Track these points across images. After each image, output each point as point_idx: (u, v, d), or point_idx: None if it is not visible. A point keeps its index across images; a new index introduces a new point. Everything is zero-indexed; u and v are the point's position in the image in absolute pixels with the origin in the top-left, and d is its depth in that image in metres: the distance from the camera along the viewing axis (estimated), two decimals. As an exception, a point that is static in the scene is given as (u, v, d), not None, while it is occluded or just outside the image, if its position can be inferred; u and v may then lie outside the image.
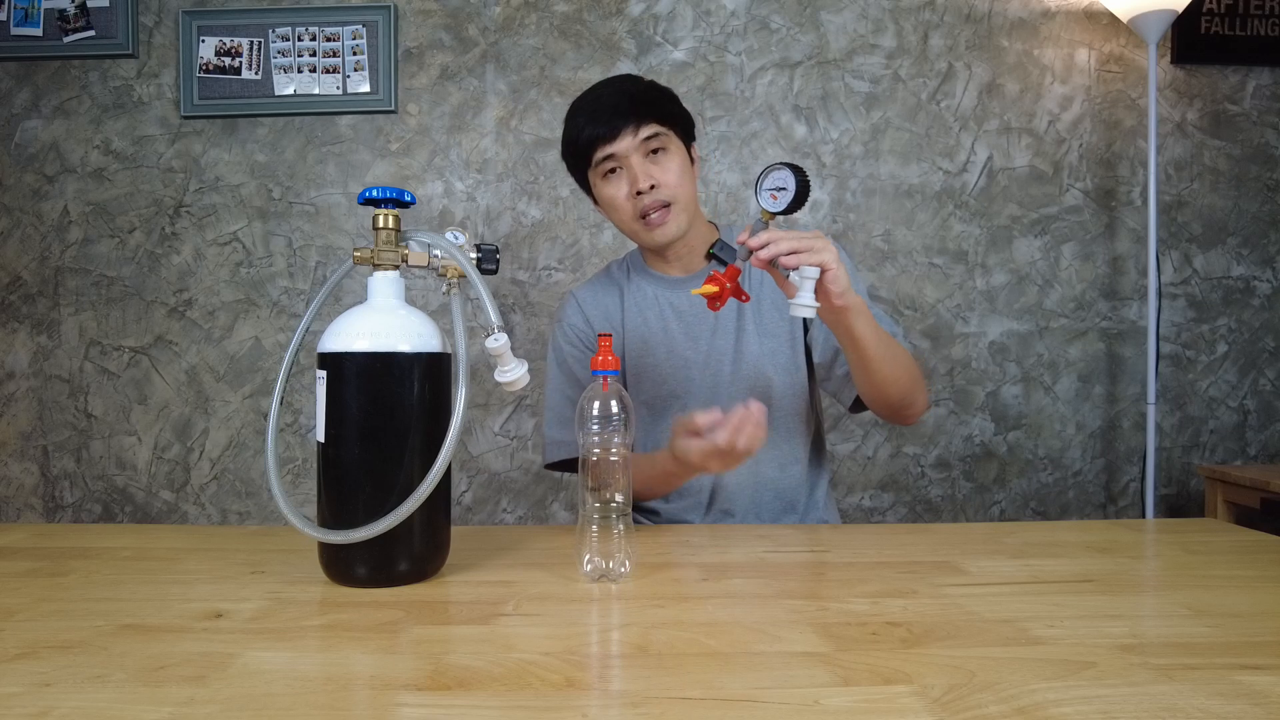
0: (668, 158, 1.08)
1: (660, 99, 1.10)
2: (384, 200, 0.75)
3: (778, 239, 0.84)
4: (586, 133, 1.08)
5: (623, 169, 1.08)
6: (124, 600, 0.68)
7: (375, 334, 0.71)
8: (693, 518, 1.17)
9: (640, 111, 1.07)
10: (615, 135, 1.06)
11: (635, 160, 1.07)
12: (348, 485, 0.71)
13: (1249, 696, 0.48)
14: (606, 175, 1.09)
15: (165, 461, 2.04)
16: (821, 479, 1.21)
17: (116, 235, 2.03)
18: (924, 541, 0.90)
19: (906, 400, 1.04)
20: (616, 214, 1.11)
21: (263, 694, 0.49)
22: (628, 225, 1.11)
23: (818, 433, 1.23)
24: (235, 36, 2.00)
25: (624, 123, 1.06)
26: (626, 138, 1.06)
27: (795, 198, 0.85)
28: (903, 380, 1.01)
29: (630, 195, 1.08)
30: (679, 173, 1.08)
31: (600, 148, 1.07)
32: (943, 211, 2.01)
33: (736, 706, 0.47)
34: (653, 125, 1.07)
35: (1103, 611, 0.65)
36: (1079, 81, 2.01)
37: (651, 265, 1.20)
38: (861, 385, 1.03)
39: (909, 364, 1.03)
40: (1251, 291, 2.04)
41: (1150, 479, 1.85)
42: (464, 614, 0.65)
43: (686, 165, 1.11)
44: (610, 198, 1.10)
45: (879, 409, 1.07)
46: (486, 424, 2.03)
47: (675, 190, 1.08)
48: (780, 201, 0.86)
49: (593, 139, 1.07)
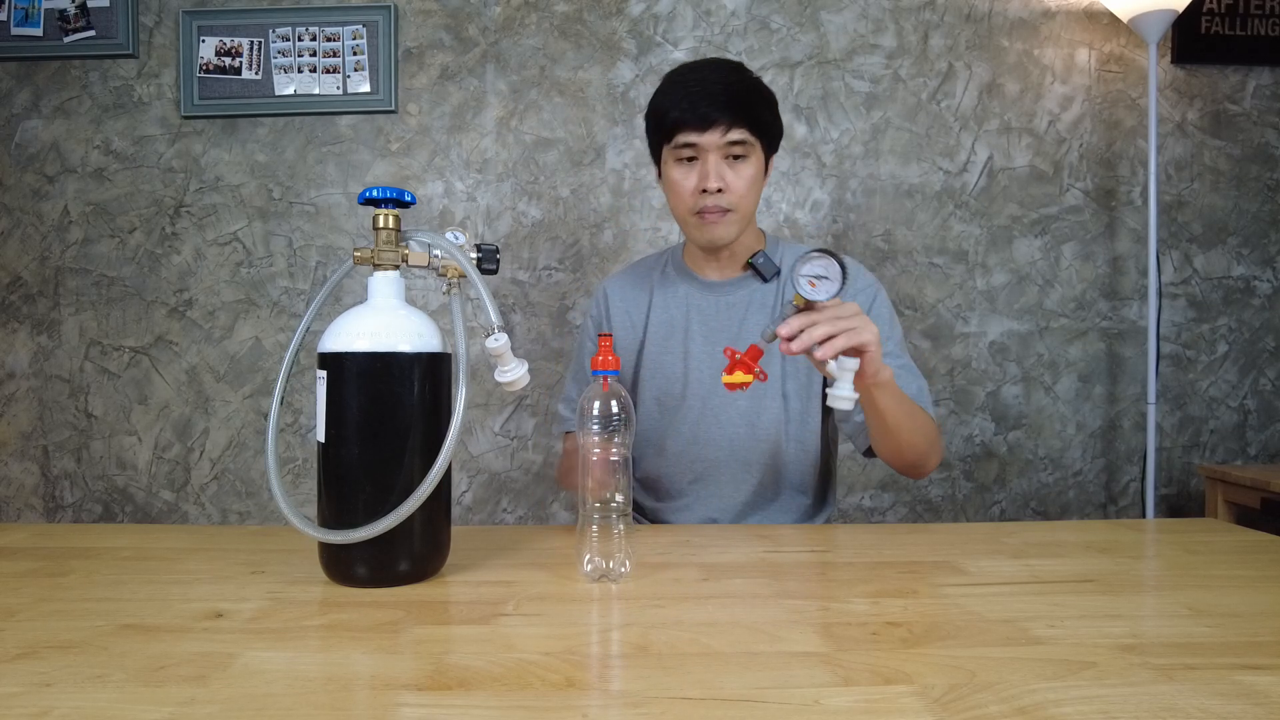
0: (745, 166, 1.07)
1: (759, 104, 1.08)
2: (384, 200, 0.75)
3: (810, 324, 0.79)
4: (675, 114, 1.05)
5: (699, 160, 1.06)
6: (124, 600, 0.68)
7: (375, 334, 0.71)
8: None
9: (736, 112, 1.04)
10: (704, 128, 1.04)
11: (713, 158, 1.05)
12: (348, 485, 0.71)
13: (1249, 696, 0.48)
14: (681, 160, 1.08)
15: (165, 461, 2.04)
16: (822, 514, 1.21)
17: (116, 235, 2.03)
18: (924, 541, 0.90)
19: (921, 462, 1.03)
20: (676, 199, 1.10)
21: (263, 694, 0.49)
22: (682, 214, 1.11)
23: (827, 468, 1.21)
24: (235, 36, 2.00)
25: (717, 118, 1.03)
26: (713, 134, 1.04)
27: (838, 290, 0.79)
28: (919, 445, 1.00)
29: (696, 189, 1.06)
30: (749, 182, 1.07)
31: (684, 132, 1.05)
32: (943, 211, 2.01)
33: (736, 706, 0.47)
34: (743, 130, 1.05)
35: (1103, 611, 0.65)
36: (1079, 81, 2.01)
37: (689, 262, 1.20)
38: (878, 445, 1.03)
39: (929, 429, 1.01)
40: (1251, 291, 2.04)
41: (1150, 479, 1.85)
42: (464, 614, 0.65)
43: (759, 177, 1.09)
44: (676, 182, 1.09)
45: (892, 464, 1.06)
46: (486, 424, 2.03)
47: (739, 200, 1.07)
48: (819, 291, 0.80)
49: (679, 121, 1.05)
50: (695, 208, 1.07)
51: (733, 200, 1.06)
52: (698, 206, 1.07)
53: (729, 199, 1.06)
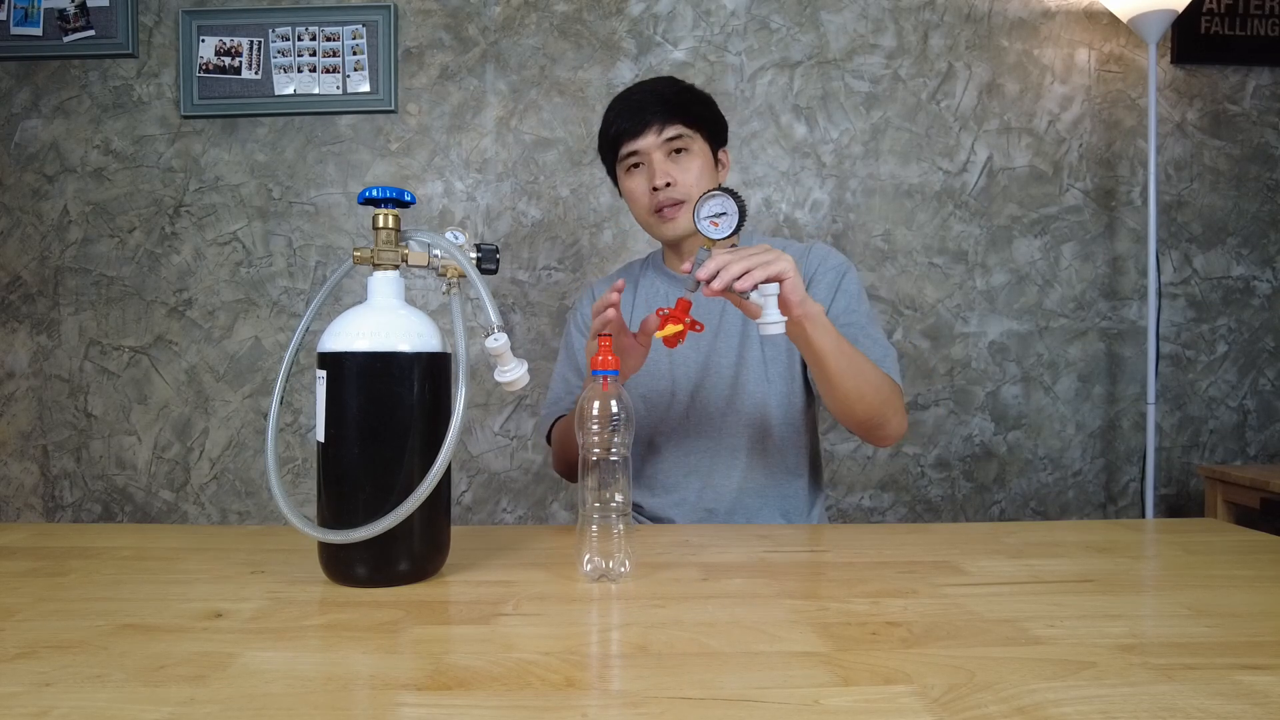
0: (689, 158, 1.13)
1: (690, 102, 1.15)
2: (384, 200, 0.75)
3: (726, 264, 0.84)
4: (615, 128, 1.15)
5: (645, 165, 1.14)
6: (124, 600, 0.68)
7: (375, 334, 0.71)
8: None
9: (667, 112, 1.12)
10: (640, 133, 1.12)
11: (657, 158, 1.12)
12: (348, 485, 0.71)
13: (1249, 696, 0.48)
14: (630, 169, 1.16)
15: (165, 461, 2.04)
16: (818, 501, 1.23)
17: (116, 235, 2.03)
18: (924, 541, 0.90)
19: (875, 420, 1.03)
20: (635, 206, 1.18)
21: (263, 694, 0.49)
22: (643, 218, 1.18)
23: (814, 450, 1.24)
24: (235, 36, 2.00)
25: (649, 121, 1.12)
26: (650, 136, 1.12)
27: (738, 222, 0.85)
28: (868, 398, 1.00)
29: (648, 190, 1.13)
30: (697, 173, 1.13)
31: (626, 143, 1.14)
32: (943, 211, 2.01)
33: (736, 706, 0.47)
34: (677, 126, 1.12)
35: (1103, 611, 0.65)
36: (1079, 81, 2.01)
37: (669, 263, 1.25)
38: (825, 398, 1.03)
39: (878, 381, 1.01)
40: (1251, 291, 2.04)
41: (1150, 479, 1.85)
42: (464, 614, 0.64)
43: (708, 167, 1.15)
44: (630, 190, 1.16)
45: (847, 424, 1.06)
46: (486, 424, 2.03)
47: (690, 189, 1.12)
48: (722, 228, 0.86)
49: (619, 134, 1.14)
50: (651, 207, 1.14)
51: (683, 191, 1.12)
52: (653, 205, 1.13)
53: (680, 191, 1.12)
